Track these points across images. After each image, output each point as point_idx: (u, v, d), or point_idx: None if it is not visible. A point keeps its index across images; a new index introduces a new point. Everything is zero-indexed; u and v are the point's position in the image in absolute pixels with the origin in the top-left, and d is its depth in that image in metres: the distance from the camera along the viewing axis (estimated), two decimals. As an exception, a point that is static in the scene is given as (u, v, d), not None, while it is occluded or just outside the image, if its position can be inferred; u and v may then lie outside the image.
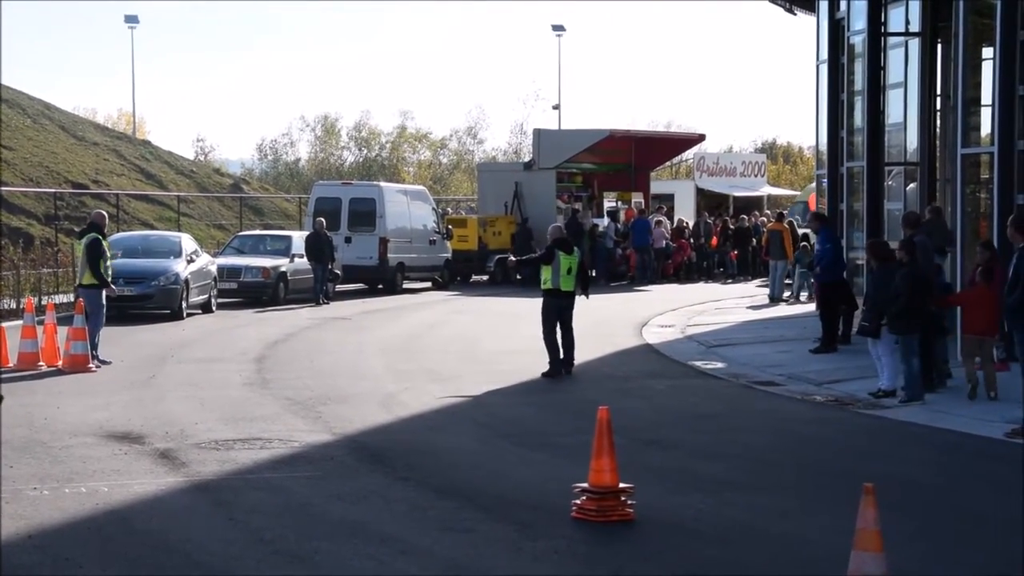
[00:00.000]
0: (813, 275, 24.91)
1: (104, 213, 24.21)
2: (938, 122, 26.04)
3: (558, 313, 20.56)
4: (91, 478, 12.91)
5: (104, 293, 22.15)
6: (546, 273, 20.71)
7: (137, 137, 68.43)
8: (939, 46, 25.57)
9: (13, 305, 30.40)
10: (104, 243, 22.31)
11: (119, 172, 55.35)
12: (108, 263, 22.41)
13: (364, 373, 21.24)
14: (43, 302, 26.23)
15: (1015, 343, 16.43)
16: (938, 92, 25.94)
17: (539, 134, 48.64)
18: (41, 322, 22.23)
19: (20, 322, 23.28)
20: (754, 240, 46.32)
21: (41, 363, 21.14)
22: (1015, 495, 12.61)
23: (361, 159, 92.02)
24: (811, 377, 20.72)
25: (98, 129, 63.81)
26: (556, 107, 77.88)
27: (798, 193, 61.51)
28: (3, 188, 43.28)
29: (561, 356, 20.41)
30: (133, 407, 17.36)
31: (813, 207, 50.45)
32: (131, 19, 69.23)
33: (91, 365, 20.69)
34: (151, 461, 13.89)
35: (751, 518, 11.78)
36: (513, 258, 33.72)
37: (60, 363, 21.00)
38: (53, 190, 45.43)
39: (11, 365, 21.18)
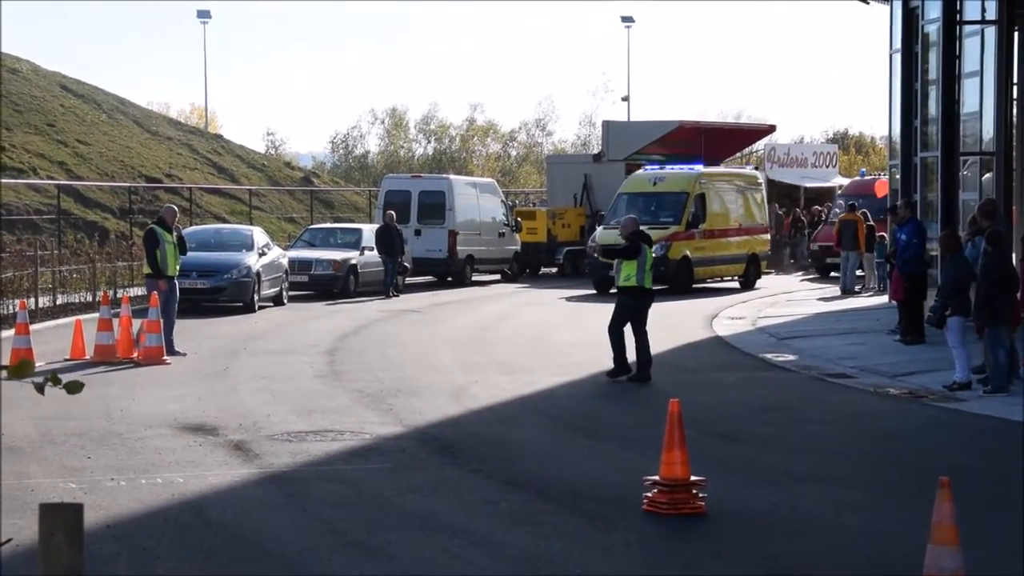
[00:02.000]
0: (894, 266, 24.52)
1: (174, 208, 24.66)
2: (1015, 111, 25.80)
3: (637, 313, 19.40)
4: (167, 469, 13.05)
5: (161, 283, 22.62)
6: (629, 269, 19.35)
7: (209, 131, 68.99)
8: (1016, 34, 25.30)
9: (89, 298, 30.76)
10: (162, 235, 22.73)
11: (192, 166, 55.84)
12: (171, 255, 22.82)
13: (434, 365, 21.32)
14: (118, 295, 26.47)
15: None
16: (1015, 81, 25.69)
17: (608, 126, 48.63)
18: (117, 315, 22.47)
19: (96, 315, 23.55)
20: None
21: (117, 355, 21.37)
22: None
23: (430, 152, 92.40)
24: (884, 369, 20.59)
25: (171, 124, 64.39)
26: (625, 99, 77.86)
27: (869, 177, 61.04)
28: (80, 183, 43.75)
29: (631, 359, 19.20)
30: (207, 399, 17.52)
31: (880, 194, 50.42)
32: (203, 14, 69.74)
33: (166, 358, 20.91)
34: (225, 452, 14.01)
35: (823, 512, 11.74)
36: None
37: (136, 355, 21.22)
38: (128, 184, 45.93)
39: (88, 357, 21.43)
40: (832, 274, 39.82)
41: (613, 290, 28.65)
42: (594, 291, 35.61)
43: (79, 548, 3.51)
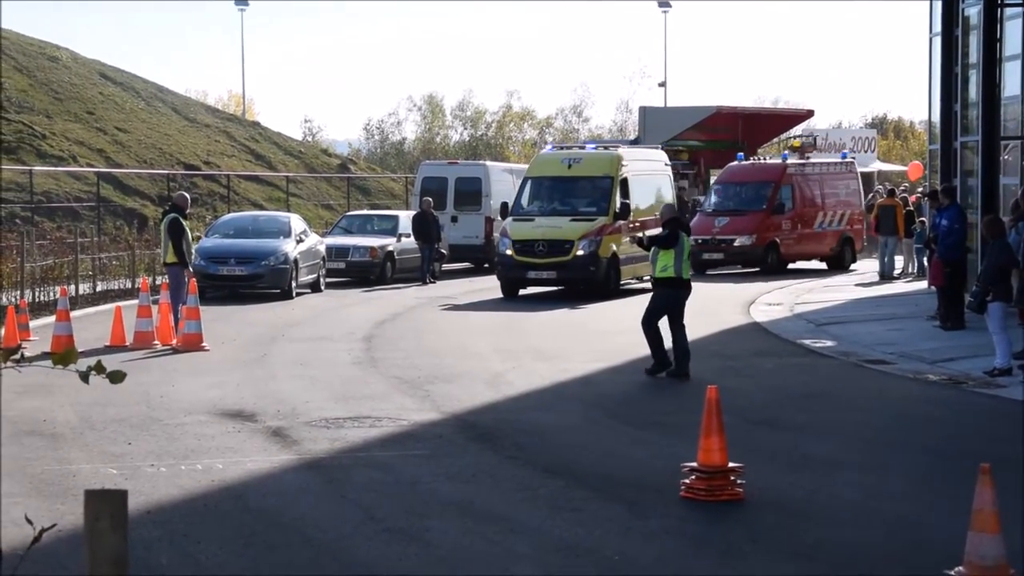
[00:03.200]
0: (935, 252, 24.39)
1: (186, 195, 25.19)
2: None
3: (675, 305, 18.46)
4: (206, 455, 13.13)
5: (185, 271, 22.97)
6: (666, 258, 18.33)
7: (247, 119, 69.24)
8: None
9: (128, 285, 30.92)
10: (185, 223, 23.11)
11: (229, 153, 56.04)
12: (191, 242, 23.26)
13: (471, 352, 21.34)
14: (157, 282, 26.61)
15: None
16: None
17: (645, 112, 48.52)
18: (156, 302, 22.62)
19: (135, 302, 23.67)
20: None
21: (156, 342, 21.49)
22: None
23: (466, 138, 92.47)
24: (924, 355, 20.50)
25: (209, 111, 64.65)
26: (662, 84, 77.67)
27: (902, 167, 60.77)
28: (119, 170, 43.95)
29: (671, 356, 18.36)
30: (245, 385, 17.60)
31: (914, 177, 50.32)
32: (241, 2, 69.89)
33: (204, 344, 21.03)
34: (264, 439, 14.08)
35: (862, 498, 11.70)
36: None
37: (174, 342, 21.34)
38: (166, 172, 46.16)
39: (128, 344, 21.56)
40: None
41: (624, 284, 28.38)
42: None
43: (123, 534, 3.54)
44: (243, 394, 16.84)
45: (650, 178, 33.88)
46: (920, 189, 43.37)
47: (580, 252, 29.76)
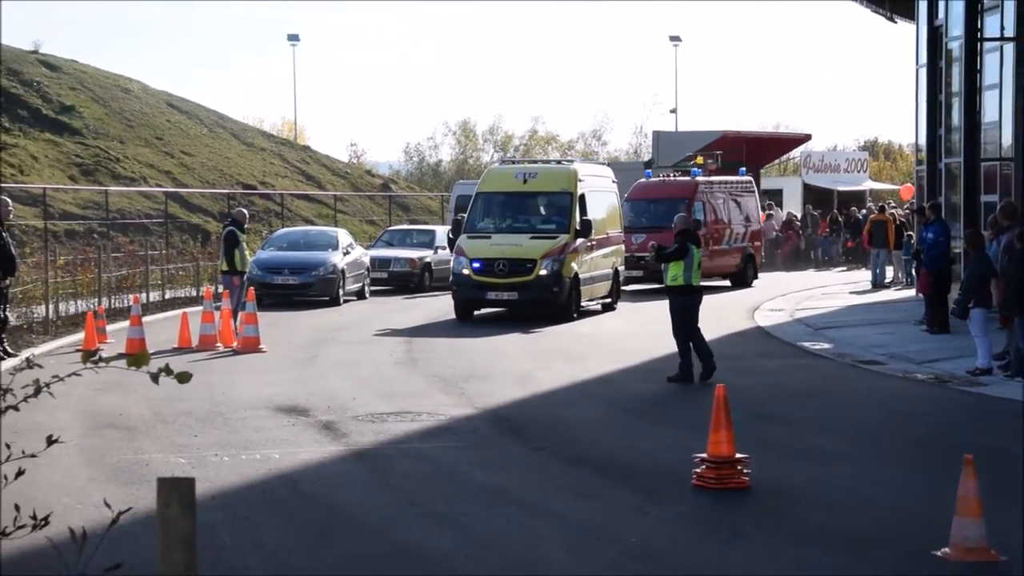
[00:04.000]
0: (921, 263, 24.41)
1: (244, 211, 25.49)
2: (1030, 121, 25.48)
3: (690, 311, 17.81)
4: (264, 446, 13.16)
5: (235, 279, 23.28)
6: (676, 268, 17.75)
7: (298, 143, 69.36)
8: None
9: (193, 293, 31.08)
10: (241, 236, 23.44)
11: (283, 174, 56.20)
12: (246, 254, 23.63)
13: (501, 354, 21.33)
14: (219, 290, 26.71)
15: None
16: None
17: (658, 136, 48.44)
18: (218, 308, 22.70)
19: (200, 308, 23.77)
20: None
21: (218, 344, 21.57)
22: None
23: (496, 160, 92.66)
24: (912, 357, 20.43)
25: (264, 136, 64.82)
26: (673, 111, 77.37)
27: (898, 187, 60.53)
28: (184, 190, 44.09)
29: (693, 363, 17.65)
30: (298, 383, 17.65)
31: (905, 197, 50.07)
32: (293, 38, 70.03)
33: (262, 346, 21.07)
34: (315, 431, 14.11)
35: (858, 487, 11.67)
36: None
37: (235, 344, 21.41)
38: (226, 191, 46.28)
39: (193, 346, 21.66)
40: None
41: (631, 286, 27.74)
42: (642, 284, 33.65)
43: (191, 517, 3.56)
44: (296, 391, 16.88)
45: (603, 195, 29.81)
46: (907, 206, 43.23)
47: (543, 272, 25.84)
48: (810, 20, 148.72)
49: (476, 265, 25.95)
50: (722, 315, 26.38)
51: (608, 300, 29.15)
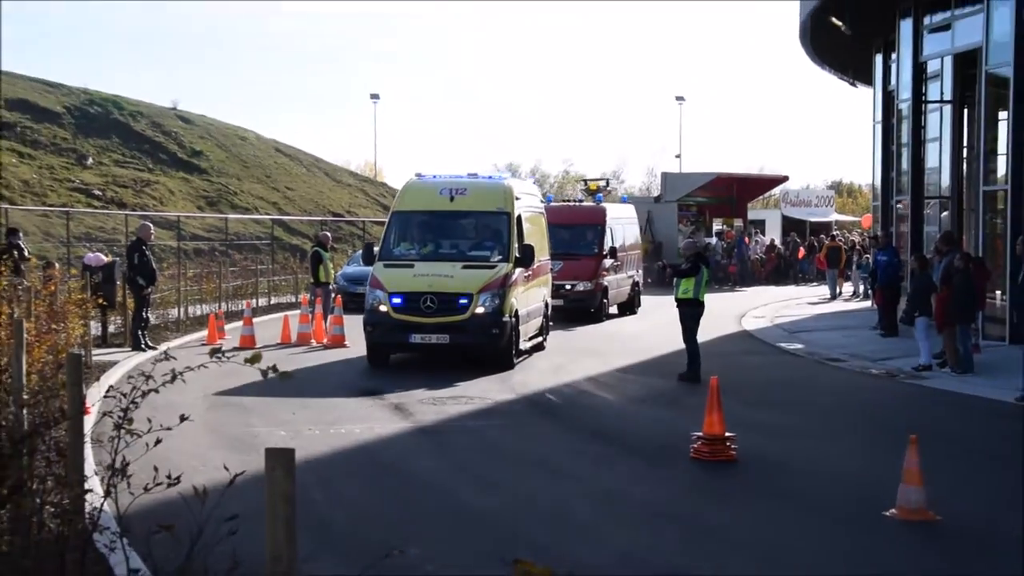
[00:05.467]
0: (876, 280, 24.41)
1: (328, 234, 25.99)
2: (965, 167, 25.34)
3: (696, 321, 16.99)
4: (347, 423, 13.21)
5: (319, 289, 23.85)
6: (687, 284, 16.88)
7: (377, 180, 69.56)
8: (966, 110, 24.92)
9: (293, 299, 31.26)
10: (324, 255, 23.82)
11: (364, 205, 56.37)
12: (330, 268, 24.12)
13: (573, 336, 21.12)
14: (312, 297, 26.85)
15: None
16: (965, 144, 25.27)
17: (665, 176, 48.37)
18: (311, 311, 22.80)
19: (298, 311, 23.92)
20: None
21: (312, 340, 21.65)
22: (1020, 442, 12.32)
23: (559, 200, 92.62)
24: (868, 355, 20.30)
25: (351, 174, 65.02)
26: (678, 156, 77.03)
27: (858, 218, 60.13)
28: (287, 217, 44.33)
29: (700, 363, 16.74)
30: (375, 373, 17.64)
31: (866, 226, 49.86)
32: (375, 96, 70.41)
33: (346, 342, 21.13)
34: (388, 411, 14.14)
35: (824, 459, 11.62)
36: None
37: (325, 341, 21.48)
38: (320, 218, 46.48)
39: (292, 341, 21.77)
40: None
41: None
42: (649, 296, 31.23)
43: (291, 479, 3.59)
44: (373, 379, 16.90)
45: (535, 217, 21.01)
46: (859, 233, 43.20)
47: (480, 309, 17.34)
48: (789, 83, 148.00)
49: (396, 301, 17.41)
50: (715, 321, 26.20)
51: (539, 339, 20.59)
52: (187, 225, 38.83)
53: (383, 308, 17.58)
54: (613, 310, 26.19)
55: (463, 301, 17.39)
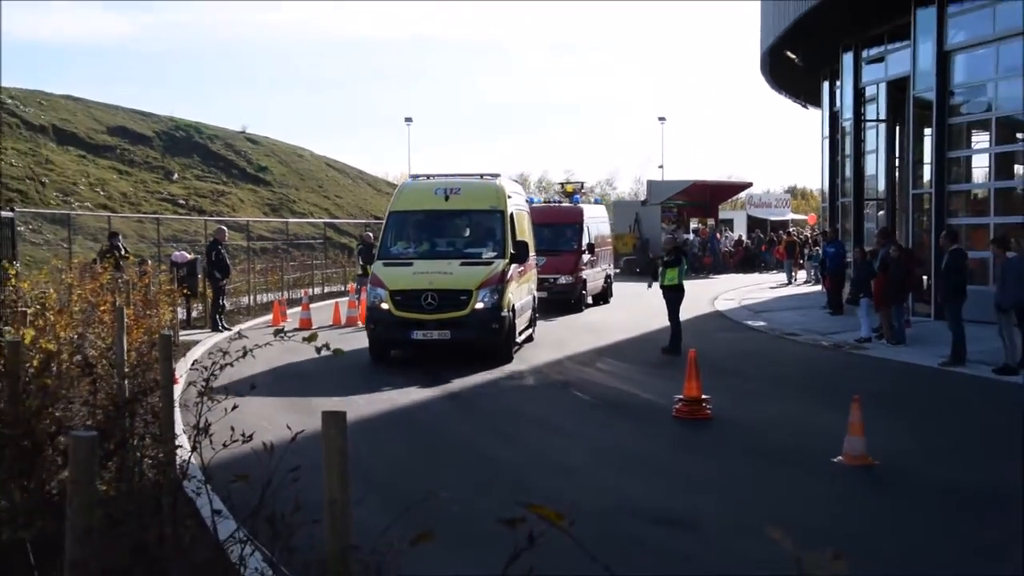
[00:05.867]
0: (825, 268, 24.37)
1: (371, 234, 26.00)
2: (897, 174, 25.26)
3: (679, 302, 16.91)
4: (388, 389, 13.23)
5: (365, 279, 23.74)
6: (672, 273, 16.77)
7: (412, 189, 69.54)
8: (897, 127, 24.84)
9: (342, 288, 31.29)
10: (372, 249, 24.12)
11: (402, 210, 56.28)
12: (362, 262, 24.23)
13: (544, 330, 21.21)
14: (358, 286, 26.88)
15: (947, 315, 15.86)
16: (897, 155, 25.19)
17: (651, 183, 48.18)
18: (357, 298, 22.81)
19: (346, 298, 23.94)
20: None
21: (359, 322, 21.64)
22: (942, 400, 12.30)
23: (543, 201, 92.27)
24: (819, 330, 20.23)
25: (389, 184, 64.99)
26: (660, 166, 77.41)
27: (806, 217, 59.85)
28: (337, 220, 44.35)
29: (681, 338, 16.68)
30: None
31: (812, 223, 49.73)
32: (408, 119, 70.16)
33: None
34: (422, 379, 14.15)
35: (784, 417, 11.60)
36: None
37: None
38: (363, 221, 46.42)
39: (342, 323, 21.81)
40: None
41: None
42: (635, 283, 32.90)
43: (343, 437, 3.60)
44: (409, 353, 16.90)
45: (523, 214, 18.55)
46: (809, 229, 43.20)
47: (480, 305, 15.35)
48: (752, 106, 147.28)
49: (398, 298, 15.41)
50: (693, 304, 26.10)
51: (529, 331, 18.41)
52: (254, 228, 38.86)
53: (384, 306, 15.46)
54: (589, 300, 25.55)
55: (463, 297, 15.34)
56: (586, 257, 25.12)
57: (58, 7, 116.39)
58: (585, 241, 25.17)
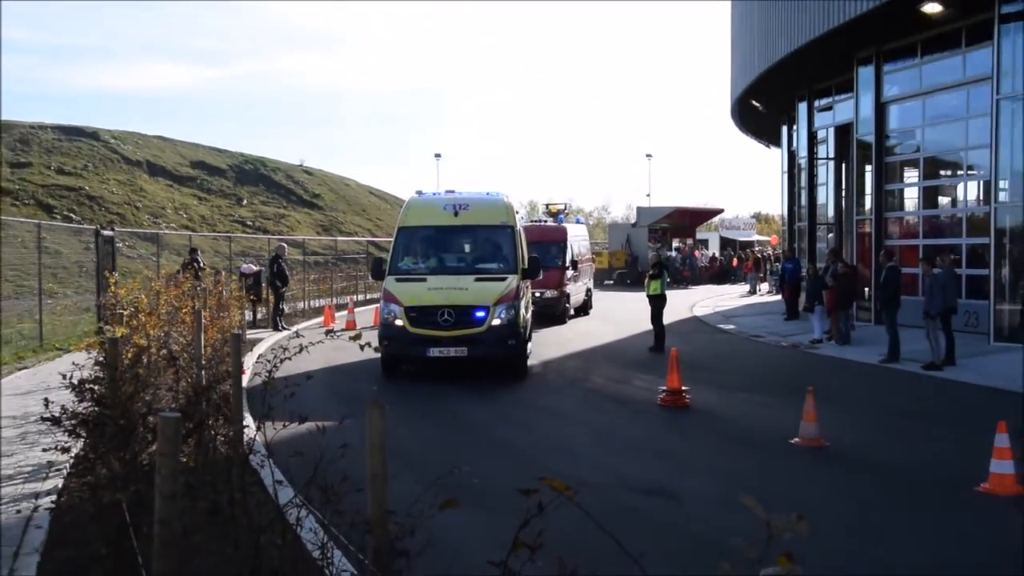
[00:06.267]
0: (783, 281, 24.29)
1: None
2: (843, 203, 25.16)
3: (662, 309, 16.97)
4: (422, 382, 13.14)
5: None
6: (655, 284, 16.91)
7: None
8: (843, 165, 24.77)
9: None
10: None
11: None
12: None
13: (550, 332, 21.12)
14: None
15: (884, 320, 15.77)
16: (843, 187, 25.09)
17: (639, 209, 48.06)
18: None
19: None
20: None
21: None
22: (881, 391, 12.19)
23: (529, 220, 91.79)
24: (779, 333, 20.12)
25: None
26: (648, 195, 77.10)
27: (769, 238, 59.60)
28: (377, 239, 44.44)
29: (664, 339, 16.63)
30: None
31: (774, 243, 49.50)
32: (438, 155, 70.48)
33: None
34: (445, 375, 13.92)
35: (749, 405, 11.53)
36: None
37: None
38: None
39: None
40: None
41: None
42: (627, 292, 31.94)
43: (384, 421, 3.59)
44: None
45: (520, 231, 15.22)
46: (771, 248, 43.01)
47: (497, 321, 13.04)
48: (724, 145, 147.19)
49: (413, 315, 13.01)
50: (673, 311, 26.03)
51: (528, 344, 14.93)
52: (309, 245, 38.92)
53: (399, 322, 12.90)
54: (572, 312, 24.04)
55: (480, 314, 12.86)
56: (570, 273, 23.40)
57: (153, 64, 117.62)
58: (569, 258, 23.40)
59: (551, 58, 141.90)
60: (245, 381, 7.14)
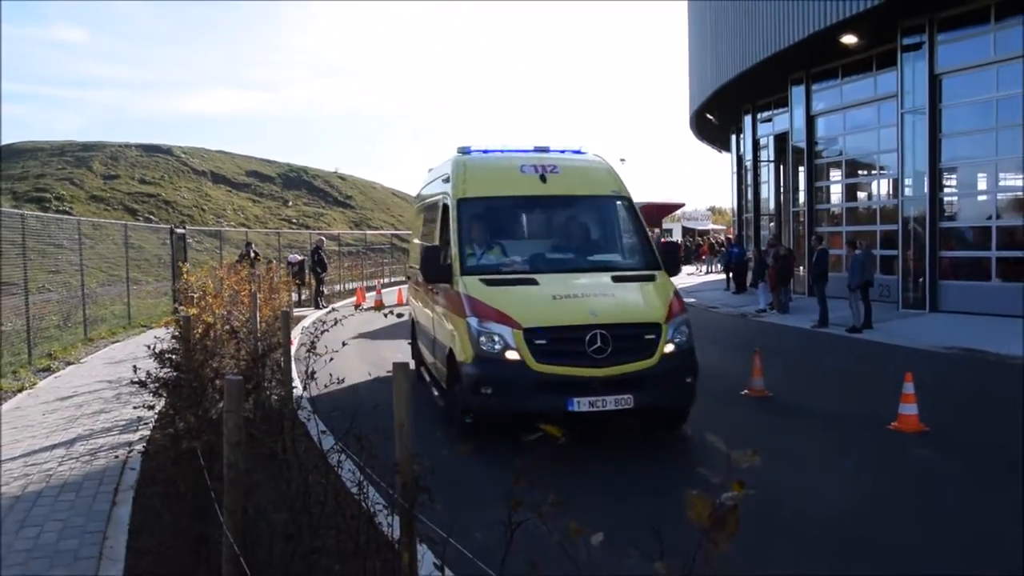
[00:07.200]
0: (729, 262, 24.30)
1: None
2: (782, 197, 25.12)
3: None
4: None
5: None
6: None
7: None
8: (781, 166, 24.74)
9: (403, 279, 31.13)
10: None
11: (444, 225, 55.84)
12: None
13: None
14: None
15: (816, 293, 15.80)
16: (781, 185, 25.05)
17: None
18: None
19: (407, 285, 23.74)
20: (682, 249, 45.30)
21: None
22: (813, 350, 12.19)
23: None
24: (731, 304, 20.10)
25: (436, 208, 64.69)
26: (620, 194, 76.08)
27: (723, 228, 59.37)
28: (400, 232, 44.34)
29: None
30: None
31: (731, 234, 49.06)
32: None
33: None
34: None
35: (708, 363, 11.31)
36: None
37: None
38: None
39: (405, 303, 21.37)
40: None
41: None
42: None
43: (408, 383, 3.57)
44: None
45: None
46: (723, 235, 42.78)
47: (670, 348, 5.98)
48: (685, 150, 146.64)
49: (542, 342, 5.64)
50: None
51: None
52: (344, 238, 38.87)
53: (512, 356, 6.06)
54: None
55: (649, 336, 6.52)
56: None
57: (216, 92, 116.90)
58: None
59: (539, 71, 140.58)
60: (293, 350, 7.12)
